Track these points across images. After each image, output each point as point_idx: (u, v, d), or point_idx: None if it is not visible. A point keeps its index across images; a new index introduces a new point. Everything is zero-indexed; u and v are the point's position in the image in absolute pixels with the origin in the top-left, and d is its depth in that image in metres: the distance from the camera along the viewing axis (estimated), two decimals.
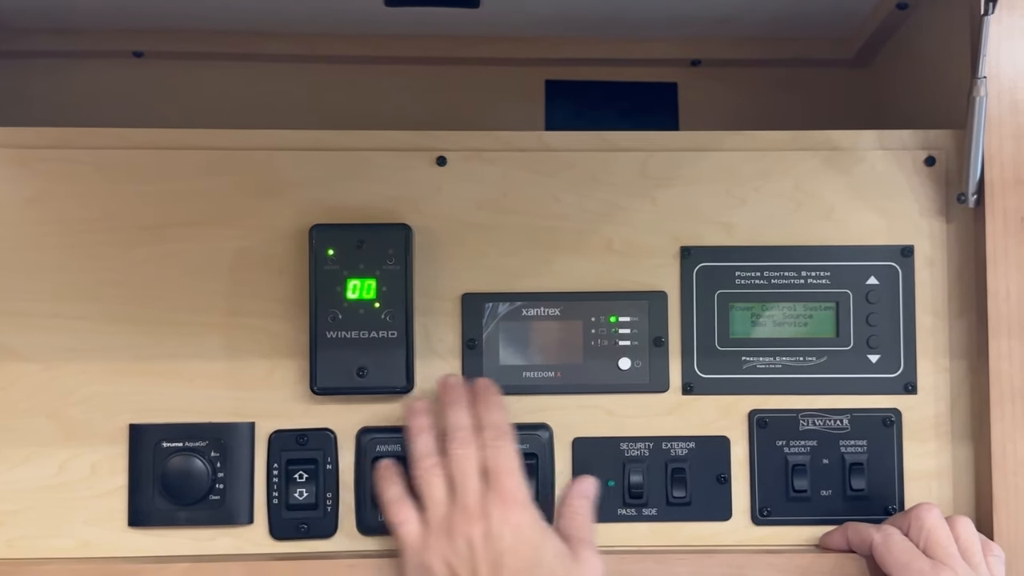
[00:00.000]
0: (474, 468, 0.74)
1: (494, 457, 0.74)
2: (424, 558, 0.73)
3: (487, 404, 0.77)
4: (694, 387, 0.83)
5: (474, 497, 0.73)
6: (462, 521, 0.72)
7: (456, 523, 0.72)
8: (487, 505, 0.72)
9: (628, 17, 1.01)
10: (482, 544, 0.71)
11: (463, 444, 0.74)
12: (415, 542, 0.74)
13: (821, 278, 0.83)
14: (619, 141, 0.83)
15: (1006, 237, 0.80)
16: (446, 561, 0.72)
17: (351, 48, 1.05)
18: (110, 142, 0.82)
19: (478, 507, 0.72)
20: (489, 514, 0.72)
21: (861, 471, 0.82)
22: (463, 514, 0.72)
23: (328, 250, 0.79)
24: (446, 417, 0.76)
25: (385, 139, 0.83)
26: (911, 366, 0.83)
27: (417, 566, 0.73)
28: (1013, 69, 0.80)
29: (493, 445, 0.75)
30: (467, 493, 0.73)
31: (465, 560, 0.71)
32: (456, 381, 0.79)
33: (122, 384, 0.80)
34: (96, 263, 0.81)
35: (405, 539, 0.74)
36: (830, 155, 0.84)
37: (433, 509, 0.74)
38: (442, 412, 0.77)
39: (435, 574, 0.72)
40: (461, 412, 0.76)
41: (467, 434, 0.75)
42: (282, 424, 0.81)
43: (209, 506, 0.80)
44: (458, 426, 0.75)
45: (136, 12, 1.00)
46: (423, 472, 0.75)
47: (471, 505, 0.72)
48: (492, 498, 0.73)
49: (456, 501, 0.73)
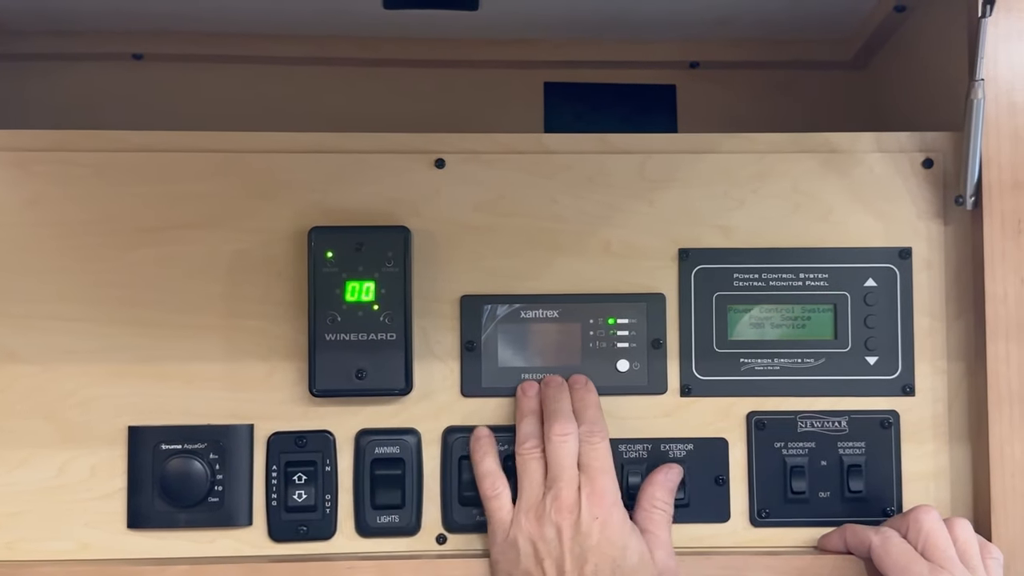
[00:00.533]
0: (573, 460, 0.76)
1: (590, 453, 0.76)
2: (512, 535, 0.75)
3: (584, 401, 0.79)
4: (692, 389, 0.83)
5: (569, 488, 0.75)
6: (555, 509, 0.74)
7: (548, 510, 0.74)
8: (581, 499, 0.74)
9: (627, 19, 1.01)
10: (570, 536, 0.73)
11: (564, 436, 0.76)
12: (505, 518, 0.76)
13: (819, 280, 0.83)
14: (617, 143, 0.83)
15: (1004, 239, 0.80)
16: (532, 543, 0.74)
17: (350, 50, 1.05)
18: (108, 145, 0.82)
19: (572, 499, 0.75)
20: (581, 508, 0.74)
21: (859, 473, 0.82)
22: (556, 503, 0.74)
23: (327, 252, 0.79)
24: (546, 406, 0.79)
25: (384, 141, 0.83)
26: (909, 368, 0.83)
27: (504, 540, 0.76)
28: (1011, 71, 0.80)
29: (589, 441, 0.77)
30: (562, 483, 0.75)
31: (552, 547, 0.73)
32: (558, 377, 0.81)
33: (121, 386, 0.80)
34: (95, 265, 0.81)
35: (496, 513, 0.77)
36: (828, 157, 0.84)
37: (528, 490, 0.76)
38: (543, 401, 0.79)
39: (521, 552, 0.74)
40: (564, 403, 0.78)
41: (569, 426, 0.77)
42: (281, 426, 0.81)
43: (208, 508, 0.80)
44: (560, 416, 0.77)
45: (135, 15, 1.00)
46: (524, 453, 0.77)
47: (565, 495, 0.75)
48: (586, 493, 0.75)
49: (550, 488, 0.75)
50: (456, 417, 0.82)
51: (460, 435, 0.81)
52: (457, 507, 0.81)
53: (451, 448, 0.81)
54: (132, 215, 0.81)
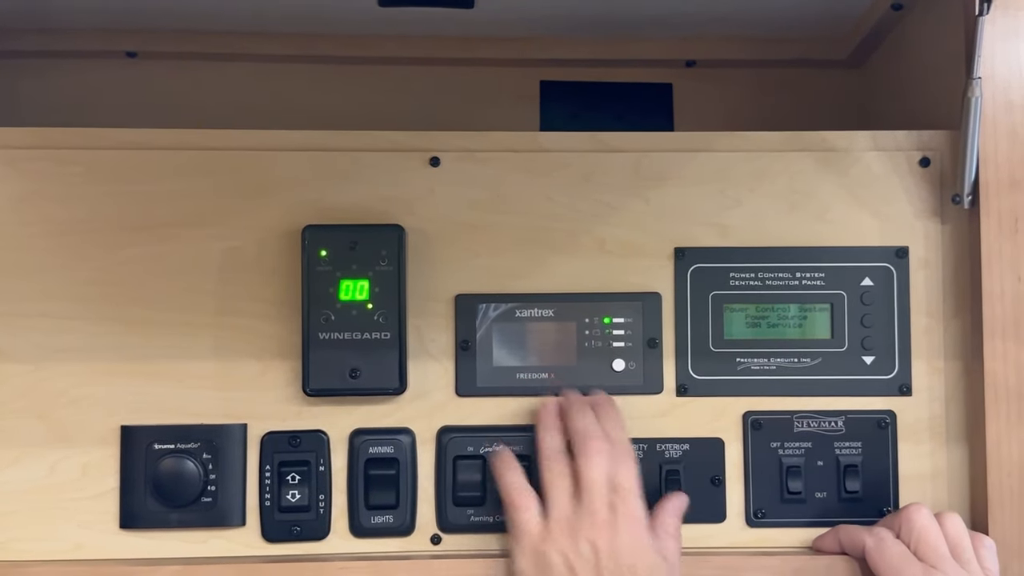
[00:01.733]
0: (605, 477, 0.75)
1: (622, 473, 0.75)
2: (542, 548, 0.74)
3: (609, 418, 0.78)
4: (688, 389, 0.82)
5: (602, 506, 0.74)
6: (589, 526, 0.73)
7: (582, 526, 0.74)
8: (614, 518, 0.74)
9: (623, 18, 1.01)
10: (606, 554, 0.73)
11: (597, 452, 0.75)
12: (535, 531, 0.75)
13: (816, 279, 0.83)
14: (613, 142, 0.83)
15: (1001, 238, 0.80)
16: (566, 558, 0.73)
17: (344, 48, 1.05)
18: (99, 142, 0.81)
19: (606, 517, 0.74)
20: (616, 527, 0.73)
21: (856, 473, 0.82)
22: (591, 519, 0.74)
23: (321, 251, 0.79)
24: (573, 422, 0.77)
25: (378, 139, 0.82)
26: (906, 367, 0.82)
27: (533, 554, 0.74)
28: (1007, 70, 0.80)
29: (618, 460, 0.76)
30: (595, 500, 0.74)
31: (588, 563, 0.73)
32: (578, 393, 0.80)
33: (113, 385, 0.80)
34: (86, 263, 0.80)
35: (524, 526, 0.75)
36: (824, 156, 0.83)
37: (559, 506, 0.75)
38: (569, 417, 0.78)
39: (553, 566, 0.73)
40: (591, 420, 0.77)
41: (601, 443, 0.76)
42: (274, 426, 0.81)
43: (201, 508, 0.79)
44: (591, 434, 0.76)
45: (128, 12, 0.99)
46: (552, 467, 0.76)
47: (599, 513, 0.74)
48: (620, 513, 0.74)
49: (583, 505, 0.74)
50: (451, 417, 0.82)
51: (455, 435, 0.81)
52: (451, 507, 0.81)
53: (446, 448, 0.81)
54: (124, 213, 0.81)
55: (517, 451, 0.80)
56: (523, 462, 0.80)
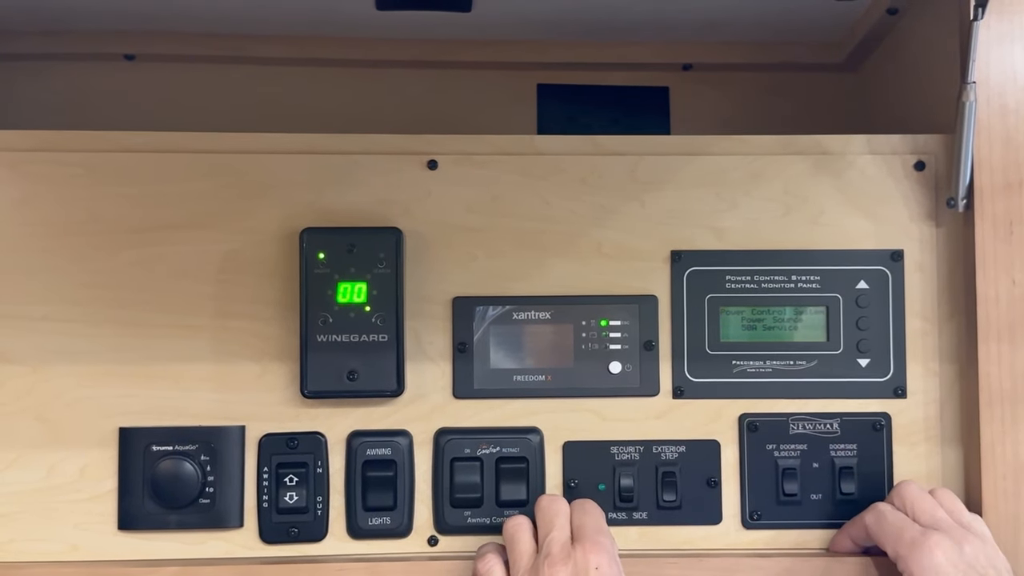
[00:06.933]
0: (565, 522, 0.74)
1: (580, 516, 0.75)
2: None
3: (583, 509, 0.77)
4: (684, 391, 0.83)
5: (560, 545, 0.72)
6: (547, 565, 0.71)
7: (542, 568, 0.71)
8: (572, 551, 0.71)
9: (620, 21, 1.01)
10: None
11: (553, 499, 0.76)
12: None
13: (811, 282, 0.83)
14: (609, 145, 0.83)
15: (995, 241, 0.80)
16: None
17: (342, 51, 1.05)
18: (99, 145, 0.81)
19: (563, 552, 0.71)
20: (575, 558, 0.71)
21: (851, 475, 0.82)
22: (548, 560, 0.71)
23: (319, 254, 0.79)
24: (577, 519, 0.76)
25: (376, 143, 0.83)
26: (901, 370, 0.83)
27: None
28: (1002, 74, 0.81)
29: (580, 507, 0.75)
30: (553, 543, 0.72)
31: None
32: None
33: (112, 387, 0.80)
34: (85, 265, 0.80)
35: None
36: (820, 159, 0.84)
37: (518, 560, 0.73)
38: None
39: None
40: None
41: (555, 501, 0.76)
42: (272, 428, 0.81)
43: (199, 510, 0.79)
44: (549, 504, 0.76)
45: (127, 15, 0.99)
46: (510, 524, 0.76)
47: (556, 552, 0.71)
48: (577, 546, 0.72)
49: (541, 550, 0.72)
50: (448, 419, 0.82)
51: (452, 437, 0.81)
52: (449, 509, 0.81)
53: (443, 450, 0.81)
54: (123, 215, 0.81)
55: (513, 453, 0.81)
56: (519, 463, 0.80)
